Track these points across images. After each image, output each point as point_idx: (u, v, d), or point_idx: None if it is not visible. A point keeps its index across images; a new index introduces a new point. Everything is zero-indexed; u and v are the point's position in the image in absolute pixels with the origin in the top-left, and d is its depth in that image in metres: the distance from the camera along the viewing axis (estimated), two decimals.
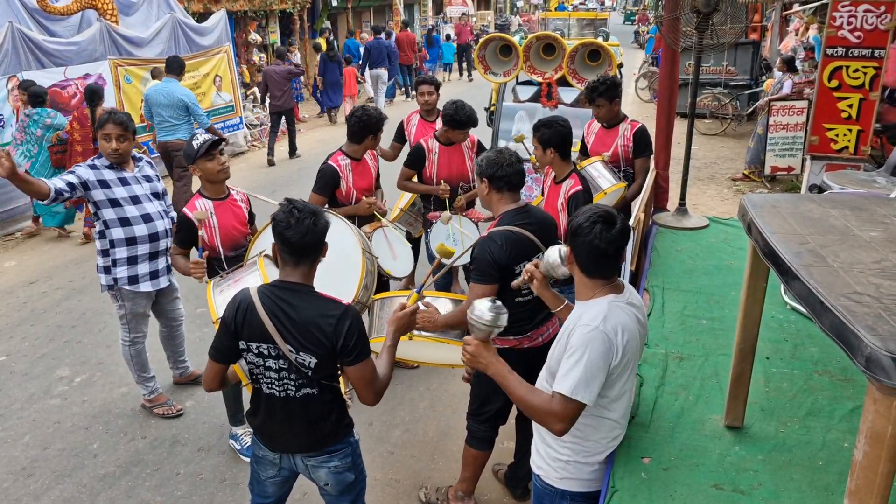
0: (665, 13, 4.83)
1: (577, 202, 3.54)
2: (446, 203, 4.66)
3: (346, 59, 14.04)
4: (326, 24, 18.36)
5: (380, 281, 3.97)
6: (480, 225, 4.75)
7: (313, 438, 2.47)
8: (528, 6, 40.24)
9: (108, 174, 3.82)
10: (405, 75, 17.32)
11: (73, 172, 3.76)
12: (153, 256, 3.99)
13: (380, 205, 4.29)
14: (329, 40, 14.42)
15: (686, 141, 5.11)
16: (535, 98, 6.99)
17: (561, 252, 2.41)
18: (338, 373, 2.45)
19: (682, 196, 5.09)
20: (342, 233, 3.28)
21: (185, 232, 3.58)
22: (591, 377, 2.10)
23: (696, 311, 3.67)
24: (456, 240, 4.56)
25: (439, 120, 5.25)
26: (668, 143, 5.36)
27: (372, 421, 4.20)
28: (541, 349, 2.92)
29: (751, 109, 11.43)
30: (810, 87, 8.33)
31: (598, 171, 4.25)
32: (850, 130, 5.96)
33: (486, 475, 3.58)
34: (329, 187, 4.13)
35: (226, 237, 3.62)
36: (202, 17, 12.16)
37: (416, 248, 5.02)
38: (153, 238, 3.95)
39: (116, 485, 3.72)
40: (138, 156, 4.03)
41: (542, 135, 3.72)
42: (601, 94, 4.50)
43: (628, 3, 38.20)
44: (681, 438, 2.64)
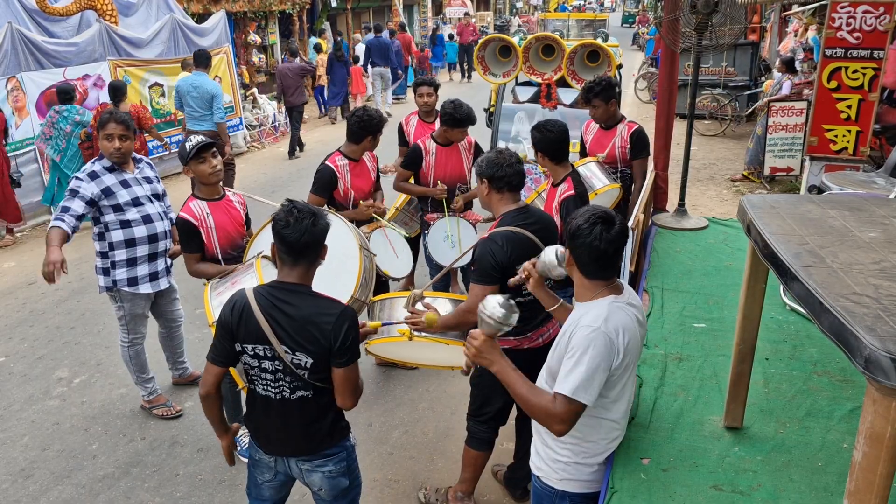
0: (664, 14, 4.83)
1: (567, 207, 3.53)
2: (443, 204, 4.66)
3: (353, 59, 14.09)
4: (326, 24, 18.38)
5: (379, 281, 3.97)
6: (479, 226, 4.75)
7: (308, 441, 2.46)
8: (527, 7, 40.21)
9: (109, 179, 3.81)
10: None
11: (77, 194, 3.71)
12: (152, 258, 3.99)
13: (378, 205, 4.29)
14: (337, 40, 14.43)
15: (685, 142, 5.12)
16: (534, 99, 6.99)
17: (558, 253, 2.41)
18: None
19: (682, 197, 5.10)
20: (340, 231, 3.27)
21: (187, 234, 3.51)
22: (592, 378, 2.10)
23: (696, 312, 3.67)
24: (454, 241, 4.56)
25: (438, 121, 5.26)
26: (667, 144, 5.36)
27: (371, 422, 4.20)
28: (541, 350, 2.92)
29: (750, 110, 11.44)
30: (809, 87, 8.34)
31: (591, 172, 4.25)
32: (850, 131, 5.97)
33: (486, 476, 3.58)
34: (327, 188, 4.12)
35: (223, 238, 3.62)
36: (201, 17, 12.15)
37: (415, 248, 5.03)
38: (153, 239, 3.95)
39: (115, 486, 3.72)
40: (138, 157, 4.03)
41: (532, 138, 3.74)
42: (597, 95, 4.51)
43: (626, 3, 38.07)
44: (680, 439, 2.64)
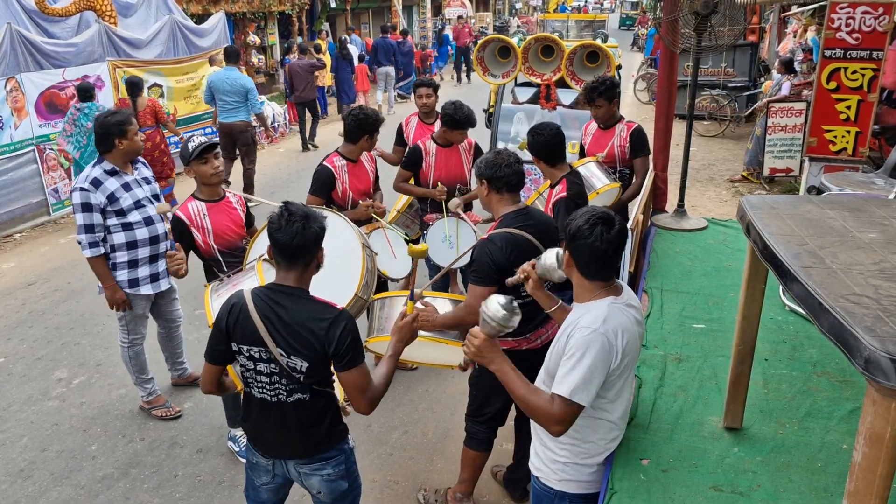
0: (664, 15, 4.83)
1: (557, 210, 3.52)
2: (443, 206, 4.66)
3: (359, 57, 14.09)
4: (325, 25, 18.38)
5: (378, 282, 3.96)
6: (480, 227, 4.74)
7: (306, 444, 2.45)
8: (526, 8, 40.21)
9: (112, 184, 3.81)
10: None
11: (92, 206, 3.74)
12: (153, 259, 3.99)
13: (378, 205, 4.28)
14: (342, 39, 14.46)
15: (685, 142, 5.12)
16: (533, 100, 6.99)
17: (558, 256, 2.40)
18: (332, 379, 2.43)
19: (681, 198, 5.10)
20: (343, 230, 3.28)
21: (177, 233, 3.58)
22: (590, 380, 2.09)
23: (695, 313, 3.67)
24: (453, 242, 4.56)
25: (438, 122, 5.25)
26: (666, 144, 5.36)
27: (371, 423, 4.19)
28: (539, 350, 2.91)
29: (749, 111, 11.44)
30: (808, 88, 8.35)
31: (591, 172, 4.24)
32: (849, 132, 5.97)
33: (485, 477, 3.58)
34: (325, 189, 4.12)
35: (220, 238, 3.63)
36: (201, 18, 12.14)
37: None
38: (154, 241, 3.95)
39: (115, 487, 3.72)
40: (134, 158, 4.03)
41: (527, 141, 3.74)
42: (601, 95, 4.51)
43: (623, 6, 37.92)
44: (679, 440, 2.64)
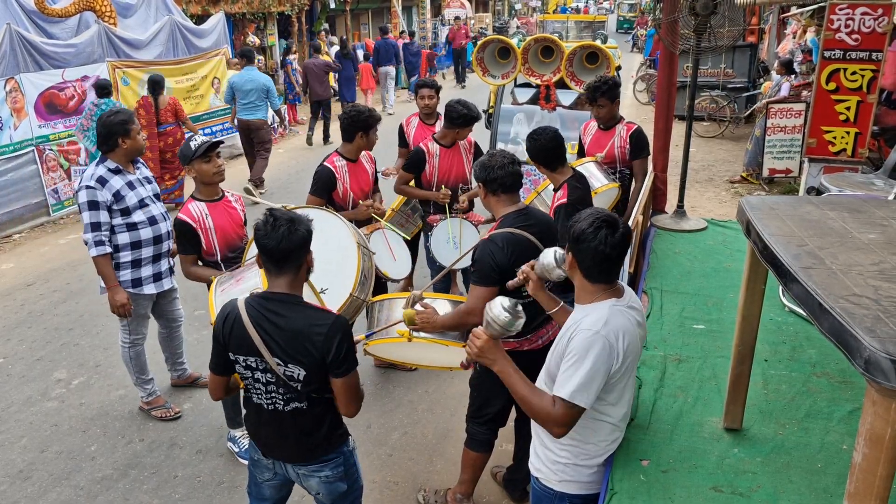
0: (663, 16, 4.84)
1: (558, 215, 3.50)
2: (446, 208, 4.66)
3: (364, 56, 14.16)
4: (325, 25, 18.39)
5: (378, 283, 3.96)
6: (481, 227, 4.74)
7: (304, 449, 2.45)
8: (525, 9, 40.22)
9: (117, 182, 3.81)
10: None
11: (98, 204, 3.73)
12: (157, 259, 4.00)
13: (378, 205, 4.28)
14: (343, 39, 14.54)
15: (684, 143, 5.12)
16: (533, 100, 6.98)
17: (556, 255, 2.40)
18: (329, 385, 2.41)
19: (681, 198, 5.09)
20: (337, 230, 3.27)
21: (184, 236, 3.56)
22: (591, 382, 2.09)
23: (695, 314, 3.67)
24: (457, 243, 4.56)
25: (439, 122, 5.25)
26: (666, 145, 5.36)
27: (370, 423, 4.19)
28: (540, 351, 2.91)
29: (749, 112, 11.45)
30: (808, 89, 8.35)
31: (590, 172, 4.24)
32: (848, 133, 5.98)
33: (485, 478, 3.57)
34: (325, 189, 4.12)
35: (222, 238, 3.63)
36: (200, 19, 12.14)
37: (414, 249, 5.01)
38: (157, 241, 3.96)
39: (114, 487, 3.71)
40: (135, 158, 4.03)
41: (525, 146, 3.71)
42: (603, 94, 4.51)
43: (620, 8, 37.81)
44: (679, 441, 2.64)
